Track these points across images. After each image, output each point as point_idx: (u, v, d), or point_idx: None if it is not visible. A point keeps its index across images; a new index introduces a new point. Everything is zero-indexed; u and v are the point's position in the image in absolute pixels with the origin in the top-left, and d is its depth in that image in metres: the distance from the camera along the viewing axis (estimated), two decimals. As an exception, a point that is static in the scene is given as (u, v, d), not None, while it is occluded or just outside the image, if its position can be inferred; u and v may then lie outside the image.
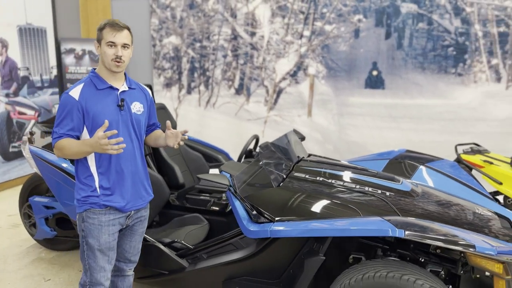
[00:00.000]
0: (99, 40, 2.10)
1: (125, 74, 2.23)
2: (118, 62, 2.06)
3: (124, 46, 2.08)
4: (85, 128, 2.07)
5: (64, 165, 2.78)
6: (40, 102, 5.85)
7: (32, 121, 5.68)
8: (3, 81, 5.29)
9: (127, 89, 2.19)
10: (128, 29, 2.16)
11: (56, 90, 6.11)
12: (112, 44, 2.05)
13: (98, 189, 2.11)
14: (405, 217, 2.19)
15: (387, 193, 2.46)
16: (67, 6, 6.25)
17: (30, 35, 5.64)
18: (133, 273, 2.46)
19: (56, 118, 2.06)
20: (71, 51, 6.08)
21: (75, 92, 2.05)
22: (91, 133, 2.06)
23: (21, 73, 5.56)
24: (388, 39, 4.98)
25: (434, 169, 3.26)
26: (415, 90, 4.98)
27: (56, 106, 6.11)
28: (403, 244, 2.32)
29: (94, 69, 2.17)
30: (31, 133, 3.26)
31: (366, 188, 2.49)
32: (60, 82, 6.15)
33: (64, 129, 2.03)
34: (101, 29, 2.09)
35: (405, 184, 2.63)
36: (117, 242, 2.26)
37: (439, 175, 3.18)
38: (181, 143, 2.22)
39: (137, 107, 2.21)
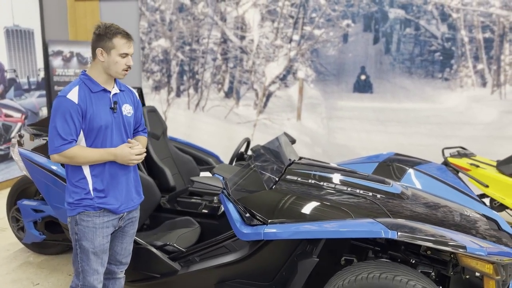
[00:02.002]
0: (106, 48, 2.06)
1: None
2: (127, 71, 2.13)
3: (131, 55, 2.15)
4: (81, 131, 2.07)
5: (54, 167, 2.75)
6: (27, 105, 5.77)
7: (19, 124, 5.60)
8: (-11, 83, 5.22)
9: (118, 91, 2.20)
10: None
11: (43, 92, 6.03)
12: (126, 55, 2.08)
13: (92, 192, 2.10)
14: (396, 219, 2.22)
15: (378, 196, 2.49)
16: (55, 8, 6.19)
17: (17, 36, 5.57)
18: (124, 275, 2.45)
19: (56, 122, 2.00)
20: (59, 53, 6.02)
21: (73, 95, 2.02)
22: (87, 137, 2.07)
23: (8, 75, 5.48)
24: (376, 44, 5.05)
25: (422, 172, 3.31)
26: (403, 94, 5.06)
27: (44, 109, 6.03)
28: (394, 245, 2.35)
29: (85, 71, 2.15)
30: (20, 136, 3.22)
31: (357, 191, 2.52)
32: (48, 84, 6.08)
33: (70, 134, 2.01)
34: (110, 38, 2.05)
35: (395, 186, 2.67)
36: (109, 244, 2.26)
37: (427, 178, 3.24)
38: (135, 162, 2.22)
39: (127, 109, 2.22)
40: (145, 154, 2.20)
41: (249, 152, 4.82)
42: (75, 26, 6.46)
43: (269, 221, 2.22)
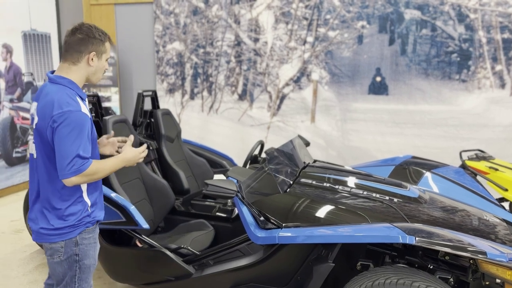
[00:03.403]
0: (99, 52, 1.94)
1: None
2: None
3: None
4: None
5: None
6: (44, 108, 5.85)
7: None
8: (7, 87, 5.30)
9: None
10: None
11: (60, 95, 6.11)
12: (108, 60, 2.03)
13: (89, 208, 1.98)
14: (413, 223, 2.18)
15: (395, 200, 2.45)
16: (71, 12, 6.28)
17: (34, 40, 5.66)
18: None
19: (79, 141, 1.79)
20: (75, 56, 6.09)
21: (84, 108, 1.86)
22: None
23: (25, 79, 5.57)
24: (391, 45, 4.99)
25: (439, 175, 3.25)
26: (419, 96, 4.99)
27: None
28: (412, 250, 2.31)
29: (64, 77, 1.90)
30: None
31: (374, 194, 2.49)
32: (64, 87, 6.15)
33: (87, 153, 1.84)
34: (103, 41, 1.94)
35: (412, 190, 2.62)
36: None
37: (445, 181, 3.18)
38: (120, 150, 2.14)
39: None
40: (146, 151, 2.16)
41: (263, 155, 4.81)
42: (91, 30, 6.52)
43: (283, 224, 2.20)
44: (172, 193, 3.27)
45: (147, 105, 4.49)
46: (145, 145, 2.16)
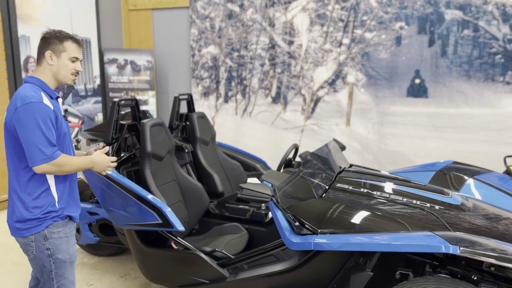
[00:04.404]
0: (56, 51, 2.00)
1: None
2: (76, 76, 2.08)
3: (81, 61, 2.11)
4: None
5: (109, 171, 2.83)
6: (84, 110, 6.05)
7: (76, 129, 5.87)
8: (50, 90, 5.52)
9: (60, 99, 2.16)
10: None
11: (99, 99, 6.30)
12: (75, 60, 2.04)
13: (57, 203, 2.02)
14: (456, 232, 2.09)
15: (436, 207, 2.36)
16: (110, 18, 6.47)
17: (75, 46, 5.86)
18: None
19: (42, 129, 1.87)
20: (114, 61, 6.27)
21: (46, 101, 1.93)
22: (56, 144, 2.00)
23: (67, 83, 5.77)
24: (431, 47, 4.84)
25: (483, 182, 3.11)
26: (460, 99, 4.81)
27: (99, 115, 6.30)
28: (454, 260, 2.21)
29: (32, 76, 2.02)
30: (78, 141, 3.36)
31: (414, 201, 2.40)
32: (103, 91, 6.34)
33: (54, 140, 1.92)
34: (61, 41, 2.01)
35: (454, 197, 2.51)
36: None
37: (489, 188, 3.04)
38: (109, 170, 2.17)
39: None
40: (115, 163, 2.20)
41: (297, 159, 4.76)
42: (129, 34, 6.71)
43: (319, 230, 2.16)
44: (206, 196, 3.29)
45: (183, 108, 4.55)
46: (114, 158, 2.20)
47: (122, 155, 3.12)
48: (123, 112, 3.36)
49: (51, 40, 2.01)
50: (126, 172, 3.05)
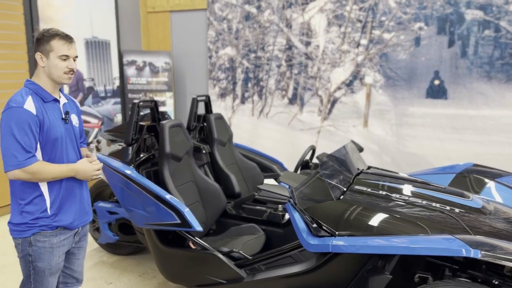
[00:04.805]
0: (44, 51, 1.96)
1: None
2: (71, 74, 2.01)
3: (75, 58, 2.03)
4: (38, 144, 1.94)
5: (128, 172, 2.88)
6: (103, 111, 6.14)
7: (96, 129, 5.97)
8: (70, 92, 5.61)
9: (66, 101, 2.11)
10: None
11: (118, 100, 6.39)
12: (66, 58, 1.97)
13: (49, 210, 1.98)
14: (477, 236, 2.06)
15: (456, 210, 2.33)
16: (129, 20, 6.56)
17: (95, 47, 5.96)
18: None
19: (15, 134, 1.84)
20: (133, 63, 6.36)
21: (29, 106, 1.89)
22: (44, 150, 1.96)
23: (87, 84, 5.87)
24: (451, 47, 4.77)
25: (504, 185, 3.05)
26: (481, 100, 4.73)
27: (118, 115, 6.39)
28: (474, 264, 2.18)
29: (29, 79, 2.01)
30: (98, 141, 3.42)
31: (434, 204, 2.37)
32: (122, 92, 6.44)
33: (32, 148, 1.88)
34: (47, 40, 1.95)
35: (475, 200, 2.48)
36: (65, 262, 2.19)
37: (510, 191, 2.98)
38: (95, 177, 2.11)
39: (75, 120, 2.14)
40: (101, 168, 2.12)
41: (315, 160, 4.75)
42: (148, 36, 6.79)
43: (337, 233, 2.15)
44: (224, 197, 3.31)
45: (201, 109, 4.58)
46: (101, 165, 2.13)
47: (141, 155, 3.17)
48: (142, 113, 3.40)
49: (40, 40, 1.97)
50: (145, 173, 3.10)
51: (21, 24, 4.89)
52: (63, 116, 2.03)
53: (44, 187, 1.97)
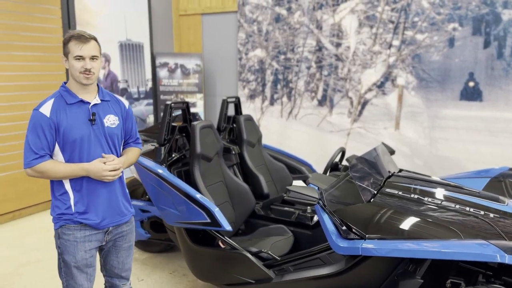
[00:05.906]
0: (66, 54, 2.03)
1: (98, 86, 2.15)
2: (88, 74, 2.01)
3: (93, 58, 2.02)
4: (56, 145, 2.02)
5: (160, 171, 2.96)
6: (136, 112, 6.30)
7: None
8: (105, 93, 5.79)
9: (99, 102, 2.11)
10: (95, 39, 2.05)
11: (151, 101, 6.54)
12: (80, 58, 1.99)
13: (73, 207, 2.06)
14: (510, 241, 2.00)
15: (491, 215, 2.27)
16: (162, 23, 6.70)
17: (129, 50, 6.13)
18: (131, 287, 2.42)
19: (28, 136, 1.98)
20: (165, 64, 6.50)
21: (45, 109, 1.99)
22: (64, 150, 2.02)
23: (121, 85, 6.04)
24: (487, 48, 4.64)
25: (543, 190, 2.95)
26: (518, 103, 4.58)
27: (151, 116, 6.54)
28: (509, 270, 2.12)
29: (65, 83, 2.10)
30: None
31: (467, 209, 2.32)
32: (155, 94, 6.58)
33: (42, 149, 1.98)
34: (66, 43, 2.01)
35: (511, 205, 2.41)
36: (104, 258, 2.27)
37: (549, 197, 2.87)
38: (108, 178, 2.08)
39: (111, 120, 2.13)
40: (121, 170, 2.09)
41: (344, 162, 4.72)
42: (180, 39, 6.92)
43: (367, 235, 2.14)
44: (253, 197, 3.34)
45: (230, 111, 4.63)
46: (115, 166, 2.07)
47: (173, 155, 3.24)
48: (174, 115, 3.48)
49: (63, 44, 2.05)
50: (176, 172, 3.16)
51: (59, 28, 5.09)
52: (90, 117, 2.06)
53: (67, 186, 2.06)
